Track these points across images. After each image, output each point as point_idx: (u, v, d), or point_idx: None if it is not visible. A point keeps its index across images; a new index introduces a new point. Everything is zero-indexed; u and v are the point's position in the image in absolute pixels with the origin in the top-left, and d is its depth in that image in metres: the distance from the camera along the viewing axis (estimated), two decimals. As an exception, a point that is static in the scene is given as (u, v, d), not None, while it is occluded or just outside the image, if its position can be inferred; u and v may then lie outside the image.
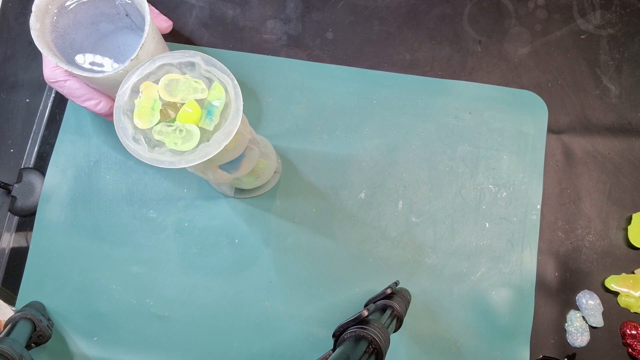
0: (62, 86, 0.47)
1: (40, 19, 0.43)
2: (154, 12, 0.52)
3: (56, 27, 0.46)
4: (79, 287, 0.53)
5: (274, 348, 0.52)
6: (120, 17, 0.48)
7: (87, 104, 0.48)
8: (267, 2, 0.59)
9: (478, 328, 0.52)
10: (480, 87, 0.57)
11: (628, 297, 0.52)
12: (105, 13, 0.48)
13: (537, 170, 0.55)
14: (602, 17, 0.59)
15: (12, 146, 0.57)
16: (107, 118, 0.51)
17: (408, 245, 0.54)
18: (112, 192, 0.55)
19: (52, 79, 0.47)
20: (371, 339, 0.35)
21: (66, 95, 0.48)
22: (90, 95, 0.48)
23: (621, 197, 0.55)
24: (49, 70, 0.47)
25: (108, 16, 0.48)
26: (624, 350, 0.52)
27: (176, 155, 0.34)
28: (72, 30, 0.47)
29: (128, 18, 0.48)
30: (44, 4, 0.44)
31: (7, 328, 0.46)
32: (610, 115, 0.57)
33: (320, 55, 0.58)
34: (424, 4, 0.59)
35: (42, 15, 0.44)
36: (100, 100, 0.48)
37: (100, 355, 0.52)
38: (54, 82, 0.47)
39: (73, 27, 0.47)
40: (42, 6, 0.44)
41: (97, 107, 0.48)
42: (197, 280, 0.53)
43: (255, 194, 0.54)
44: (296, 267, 0.53)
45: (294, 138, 0.56)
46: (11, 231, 0.55)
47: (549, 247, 0.54)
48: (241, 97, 0.35)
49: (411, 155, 0.56)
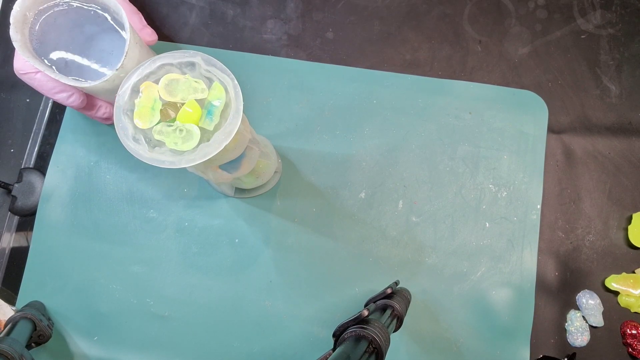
0: (32, 78, 0.46)
1: (19, 30, 0.43)
2: (142, 23, 0.51)
3: (36, 35, 0.45)
4: (79, 286, 0.53)
5: (274, 348, 0.52)
6: (103, 20, 0.47)
7: (58, 96, 0.46)
8: (267, 2, 0.59)
9: (478, 328, 0.52)
10: (480, 87, 0.57)
11: (628, 296, 0.52)
12: (85, 15, 0.47)
13: (537, 170, 0.55)
14: (603, 17, 0.59)
15: (12, 146, 0.57)
16: (84, 112, 0.50)
17: (408, 245, 0.54)
18: (113, 191, 0.55)
19: (22, 70, 0.45)
20: (371, 338, 0.35)
21: (36, 88, 0.46)
22: (61, 88, 0.46)
23: (621, 196, 0.55)
24: (19, 62, 0.45)
25: (90, 18, 0.47)
26: (624, 350, 0.52)
27: (176, 155, 0.34)
28: (54, 35, 0.46)
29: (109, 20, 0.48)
30: (20, 14, 0.43)
31: (8, 328, 0.46)
32: (611, 115, 0.57)
33: (320, 55, 0.58)
34: (424, 4, 0.59)
35: (21, 25, 0.43)
36: (72, 93, 0.47)
37: (101, 354, 0.52)
38: (23, 74, 0.46)
39: (54, 32, 0.46)
40: (19, 17, 0.43)
41: (69, 99, 0.47)
42: (197, 280, 0.53)
43: (255, 194, 0.54)
44: (296, 267, 0.53)
45: (294, 138, 0.56)
46: (11, 231, 0.55)
47: (549, 246, 0.54)
48: (241, 97, 0.35)
49: (411, 155, 0.56)
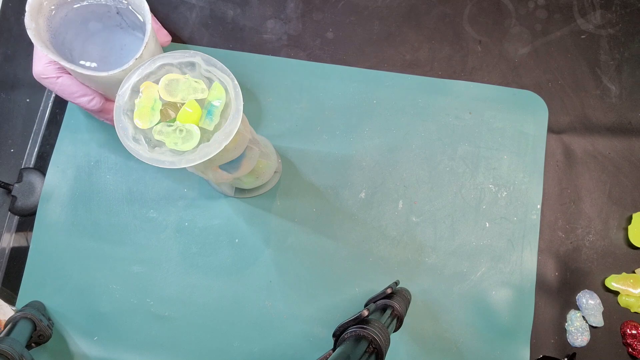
0: (54, 83, 0.46)
1: (34, 18, 0.43)
2: (157, 24, 0.52)
3: (50, 27, 0.45)
4: (79, 286, 0.53)
5: (275, 348, 0.52)
6: (110, 15, 0.47)
7: (80, 100, 0.47)
8: (267, 2, 0.59)
9: (478, 328, 0.52)
10: (480, 87, 0.57)
11: (628, 296, 0.52)
12: (95, 12, 0.47)
13: (537, 170, 0.55)
14: (603, 17, 0.59)
15: (12, 146, 0.57)
16: (98, 115, 0.50)
17: (408, 245, 0.54)
18: (113, 192, 0.55)
19: (44, 75, 0.46)
20: (371, 338, 0.35)
21: (57, 92, 0.47)
22: (83, 92, 0.47)
23: (621, 196, 0.55)
24: (41, 66, 0.46)
25: (97, 15, 0.47)
26: (624, 350, 0.52)
27: (176, 155, 0.34)
28: (64, 29, 0.46)
29: (118, 16, 0.48)
30: (37, 2, 0.43)
31: (8, 328, 0.46)
32: (611, 115, 0.57)
33: (320, 55, 0.58)
34: (424, 4, 0.59)
35: (36, 14, 0.43)
36: (94, 97, 0.48)
37: (101, 354, 0.52)
38: (45, 79, 0.46)
39: (64, 26, 0.46)
40: (35, 5, 0.43)
41: (91, 103, 0.48)
42: (197, 280, 0.53)
43: (255, 194, 0.54)
44: (296, 267, 0.53)
45: (294, 138, 0.56)
46: (11, 231, 0.55)
47: (549, 246, 0.54)
48: (241, 97, 0.35)
49: (411, 155, 0.56)
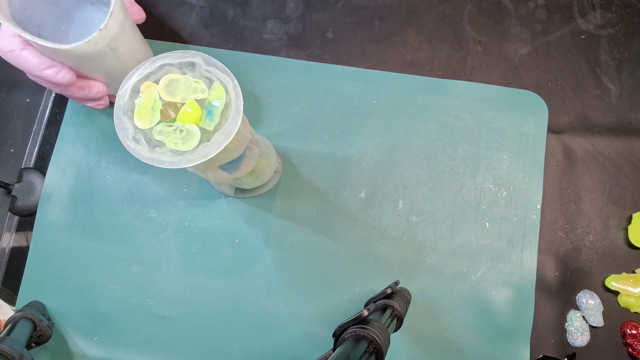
0: (17, 56, 0.43)
1: None
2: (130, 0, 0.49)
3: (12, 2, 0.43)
4: (79, 286, 0.53)
5: (275, 348, 0.52)
6: None
7: (47, 72, 0.44)
8: (267, 2, 0.59)
9: (478, 328, 0.52)
10: (480, 87, 0.57)
11: (628, 296, 0.52)
12: None
13: (537, 170, 0.55)
14: (603, 17, 0.59)
15: (12, 146, 0.57)
16: (71, 92, 0.48)
17: (408, 245, 0.54)
18: (112, 192, 0.55)
19: (7, 49, 0.43)
20: (371, 338, 0.35)
21: (22, 66, 0.44)
22: (50, 63, 0.44)
23: (621, 196, 0.55)
24: (5, 40, 0.43)
25: None
26: (624, 350, 0.52)
27: (176, 155, 0.34)
28: (29, 6, 0.44)
29: None
30: None
31: (8, 328, 0.46)
32: (611, 115, 0.57)
33: (320, 55, 0.58)
34: (424, 4, 0.59)
35: None
36: (62, 68, 0.44)
37: (101, 354, 0.52)
38: (8, 52, 0.43)
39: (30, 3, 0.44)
40: None
41: (58, 75, 0.44)
42: (197, 280, 0.53)
43: (255, 194, 0.54)
44: (296, 267, 0.53)
45: (294, 138, 0.56)
46: (11, 231, 0.55)
47: (549, 246, 0.54)
48: (241, 97, 0.35)
49: (411, 155, 0.56)
